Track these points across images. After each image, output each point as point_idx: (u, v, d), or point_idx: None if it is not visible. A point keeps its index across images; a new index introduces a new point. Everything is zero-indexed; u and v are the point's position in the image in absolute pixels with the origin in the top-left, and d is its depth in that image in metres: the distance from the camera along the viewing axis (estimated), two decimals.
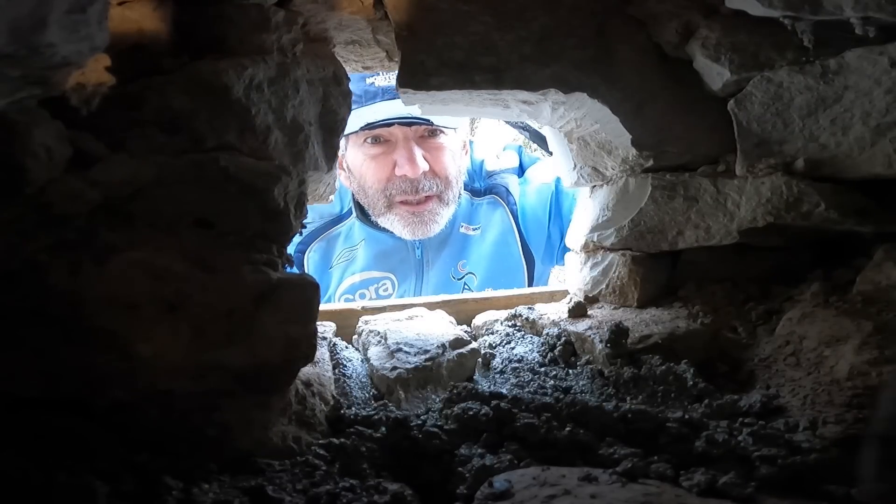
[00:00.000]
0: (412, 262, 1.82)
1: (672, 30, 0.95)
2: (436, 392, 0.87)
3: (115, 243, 0.62)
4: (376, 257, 1.80)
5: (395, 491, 0.64)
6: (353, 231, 1.84)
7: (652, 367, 0.86)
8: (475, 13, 0.93)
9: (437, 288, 1.81)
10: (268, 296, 0.67)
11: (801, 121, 0.89)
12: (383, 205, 1.69)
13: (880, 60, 0.79)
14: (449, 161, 1.71)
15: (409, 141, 1.64)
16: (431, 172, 1.67)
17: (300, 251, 1.80)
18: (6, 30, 0.44)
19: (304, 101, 0.83)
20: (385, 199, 1.68)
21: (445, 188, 1.70)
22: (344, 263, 1.81)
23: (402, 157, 1.62)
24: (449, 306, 1.18)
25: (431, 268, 1.83)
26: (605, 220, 1.11)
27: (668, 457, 0.67)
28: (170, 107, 0.70)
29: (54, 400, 0.61)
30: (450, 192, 1.72)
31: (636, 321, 0.99)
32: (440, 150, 1.70)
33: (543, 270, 1.97)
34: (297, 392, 0.77)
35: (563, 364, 0.96)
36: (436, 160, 1.68)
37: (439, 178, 1.69)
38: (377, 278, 1.80)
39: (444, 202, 1.71)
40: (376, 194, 1.69)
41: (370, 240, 1.81)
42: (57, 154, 0.60)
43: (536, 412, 0.76)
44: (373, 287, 1.79)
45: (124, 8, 0.70)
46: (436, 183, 1.68)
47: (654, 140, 1.00)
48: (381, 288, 1.80)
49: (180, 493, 0.57)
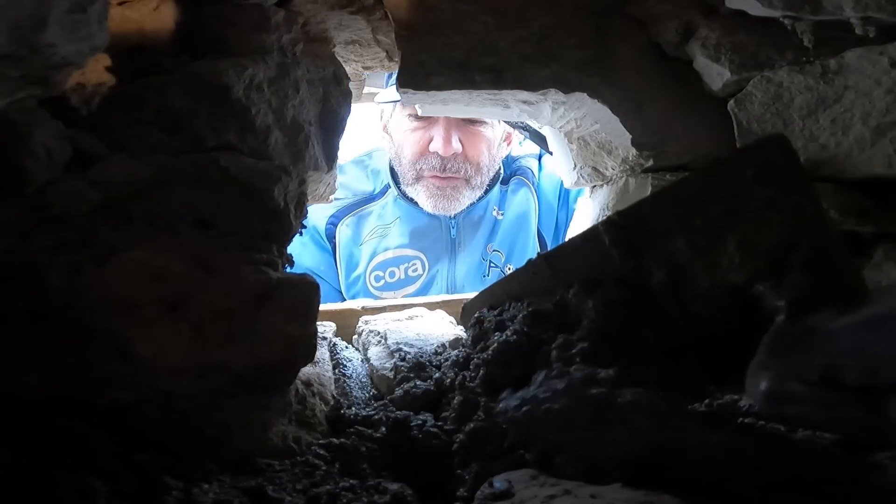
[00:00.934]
0: (446, 241, 1.86)
1: (672, 30, 0.95)
2: None
3: (115, 243, 0.62)
4: (411, 235, 1.85)
5: (395, 491, 0.64)
6: (386, 210, 1.88)
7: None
8: (475, 13, 0.93)
9: (468, 270, 1.87)
10: (268, 296, 0.67)
11: (801, 121, 0.89)
12: (412, 176, 1.77)
13: (880, 60, 0.79)
14: (484, 149, 1.78)
15: (449, 122, 1.70)
16: (463, 156, 1.74)
17: (332, 223, 1.86)
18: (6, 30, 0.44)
19: (304, 101, 0.83)
20: (415, 171, 1.76)
21: (475, 173, 1.77)
22: (376, 240, 1.85)
23: (439, 136, 1.69)
24: (449, 306, 1.18)
25: (464, 249, 1.88)
26: None
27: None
28: (170, 107, 0.70)
29: (54, 400, 0.61)
30: (478, 178, 1.79)
31: None
32: (477, 136, 1.76)
33: None
34: (297, 392, 0.77)
35: None
36: (471, 145, 1.75)
37: (470, 162, 1.75)
38: (409, 257, 1.84)
39: (471, 186, 1.79)
40: (408, 165, 1.76)
41: (405, 216, 1.86)
42: (57, 154, 0.60)
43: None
44: (403, 266, 1.83)
45: (124, 8, 0.70)
46: (465, 166, 1.75)
47: (655, 140, 1.00)
48: (412, 268, 1.84)
49: (180, 493, 0.57)
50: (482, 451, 0.69)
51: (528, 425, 0.66)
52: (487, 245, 1.91)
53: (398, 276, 1.83)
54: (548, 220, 1.97)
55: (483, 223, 1.91)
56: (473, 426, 0.71)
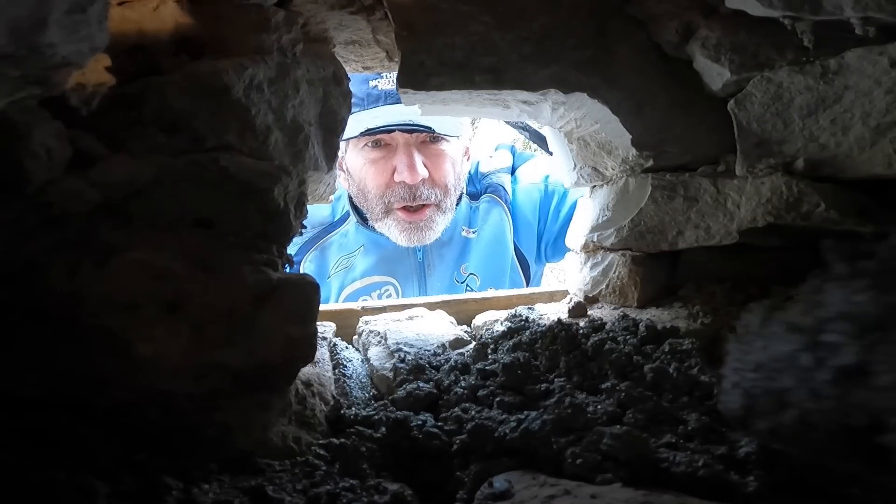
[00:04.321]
0: (413, 265, 1.80)
1: (672, 30, 0.95)
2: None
3: (115, 243, 0.62)
4: (377, 262, 1.78)
5: (395, 491, 0.64)
6: (348, 238, 1.81)
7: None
8: (475, 13, 0.93)
9: (440, 292, 1.79)
10: (268, 296, 0.67)
11: (801, 121, 0.89)
12: (381, 210, 1.68)
13: (880, 60, 0.79)
14: (449, 168, 1.71)
15: (409, 147, 1.63)
16: (430, 180, 1.66)
17: (297, 262, 1.78)
18: (6, 30, 0.44)
19: (304, 101, 0.83)
20: (383, 204, 1.67)
21: (444, 196, 1.70)
22: (342, 272, 1.79)
23: (402, 164, 1.61)
24: (449, 306, 1.18)
25: (434, 271, 1.81)
26: (605, 221, 1.11)
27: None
28: (170, 107, 0.70)
29: (54, 400, 0.61)
30: (448, 200, 1.72)
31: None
32: (441, 156, 1.69)
33: (536, 270, 1.97)
34: (297, 392, 0.77)
35: None
36: (436, 167, 1.67)
37: (438, 186, 1.68)
38: (379, 283, 1.78)
39: (442, 210, 1.71)
40: (375, 199, 1.68)
41: (370, 244, 1.79)
42: (57, 154, 0.59)
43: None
44: (375, 293, 1.77)
45: (124, 8, 0.70)
46: (434, 192, 1.67)
47: (654, 140, 1.00)
48: (385, 294, 1.78)
49: (180, 493, 0.57)
50: (482, 450, 0.70)
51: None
52: (460, 266, 1.84)
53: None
54: (527, 237, 1.90)
55: (451, 243, 1.84)
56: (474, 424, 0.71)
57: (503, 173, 1.95)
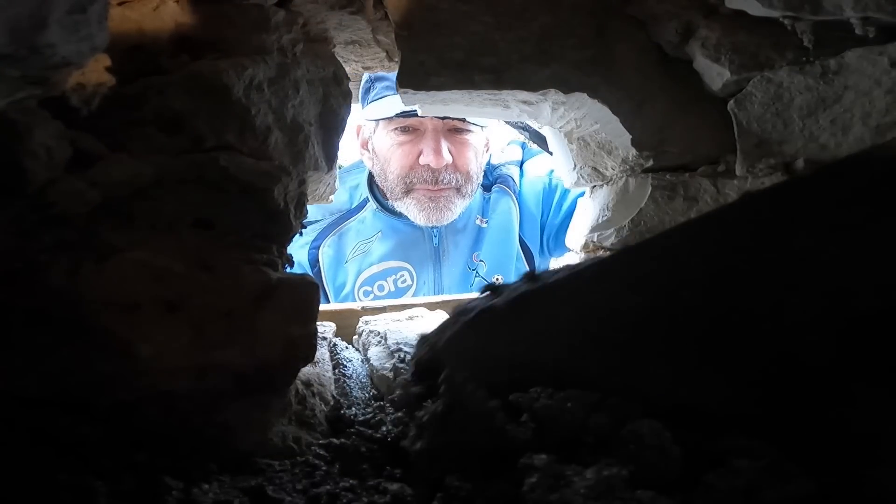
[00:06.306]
0: (429, 250, 1.85)
1: (672, 30, 0.95)
2: None
3: (115, 243, 0.62)
4: (394, 247, 1.83)
5: (395, 491, 0.64)
6: (366, 224, 1.87)
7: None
8: (475, 13, 0.93)
9: (454, 279, 1.85)
10: (268, 296, 0.67)
11: (801, 121, 0.89)
12: (401, 190, 1.74)
13: (880, 60, 0.80)
14: (472, 157, 1.77)
15: (437, 133, 1.69)
16: (453, 166, 1.72)
17: (315, 248, 1.84)
18: (6, 30, 0.44)
19: (304, 101, 0.83)
20: (404, 184, 1.73)
21: (465, 182, 1.76)
22: (360, 257, 1.84)
23: (429, 148, 1.67)
24: (449, 306, 1.18)
25: (448, 257, 1.86)
26: (604, 221, 1.11)
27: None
28: (170, 107, 0.70)
29: (54, 400, 0.61)
30: (468, 186, 1.78)
31: None
32: (465, 145, 1.75)
33: (540, 262, 2.01)
34: (297, 392, 0.77)
35: None
36: (460, 155, 1.74)
37: (460, 171, 1.74)
38: (395, 268, 1.83)
39: (462, 195, 1.77)
40: (396, 179, 1.74)
41: (387, 230, 1.84)
42: (57, 154, 0.59)
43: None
44: (391, 278, 1.82)
45: (124, 8, 0.70)
46: (456, 176, 1.73)
47: (654, 140, 1.00)
48: (400, 280, 1.82)
49: (180, 493, 0.57)
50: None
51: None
52: (473, 254, 1.90)
53: (388, 289, 1.81)
54: (531, 228, 1.96)
55: (466, 231, 1.90)
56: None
57: (513, 165, 2.02)
